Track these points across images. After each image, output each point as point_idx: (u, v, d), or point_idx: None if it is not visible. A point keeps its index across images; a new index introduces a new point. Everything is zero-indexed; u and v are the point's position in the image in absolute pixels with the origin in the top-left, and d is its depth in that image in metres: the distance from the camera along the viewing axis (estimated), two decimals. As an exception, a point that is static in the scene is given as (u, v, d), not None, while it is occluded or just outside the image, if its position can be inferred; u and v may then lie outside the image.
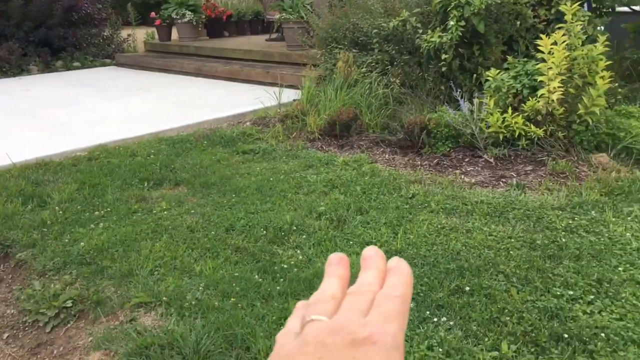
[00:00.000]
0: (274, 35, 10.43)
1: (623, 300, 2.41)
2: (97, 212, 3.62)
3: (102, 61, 11.57)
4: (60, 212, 3.63)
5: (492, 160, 4.28)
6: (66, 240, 3.25)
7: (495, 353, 2.12)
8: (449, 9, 4.98)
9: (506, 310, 2.37)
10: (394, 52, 5.63)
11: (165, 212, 3.59)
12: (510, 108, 4.36)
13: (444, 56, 5.03)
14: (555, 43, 4.15)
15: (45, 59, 10.74)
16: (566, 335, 2.18)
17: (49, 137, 5.62)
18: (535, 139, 4.28)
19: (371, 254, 0.45)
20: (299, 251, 3.00)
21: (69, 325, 2.57)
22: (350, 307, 0.41)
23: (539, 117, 4.29)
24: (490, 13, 4.99)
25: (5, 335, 2.62)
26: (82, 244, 3.17)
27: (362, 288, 0.42)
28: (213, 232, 3.26)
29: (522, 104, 4.39)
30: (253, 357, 2.18)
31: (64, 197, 3.85)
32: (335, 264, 0.45)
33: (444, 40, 4.97)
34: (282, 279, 2.70)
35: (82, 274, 2.89)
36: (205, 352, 2.18)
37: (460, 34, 4.90)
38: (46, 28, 10.77)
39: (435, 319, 2.33)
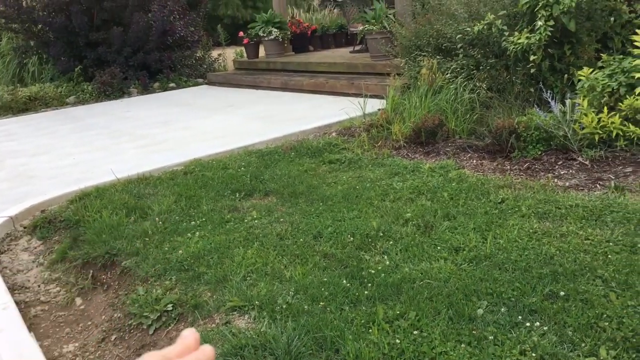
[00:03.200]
0: (357, 47, 10.55)
1: None
2: (193, 222, 3.82)
3: (195, 81, 12.16)
4: (160, 222, 3.85)
5: (587, 162, 4.10)
6: (166, 249, 3.45)
7: (593, 359, 2.03)
8: (536, 9, 4.84)
9: (605, 316, 2.26)
10: (479, 56, 5.54)
11: (256, 221, 3.72)
12: (605, 108, 4.16)
13: (532, 57, 4.89)
14: (653, 37, 3.93)
15: (144, 81, 11.45)
16: (672, 342, 2.05)
17: (148, 154, 5.99)
18: (635, 139, 4.06)
19: (187, 334, 0.60)
20: (385, 257, 3.02)
21: (169, 327, 2.73)
22: None
23: (638, 116, 4.07)
24: (582, 10, 4.80)
25: (113, 337, 2.82)
26: (180, 251, 3.36)
27: (167, 354, 0.57)
28: (302, 239, 3.35)
29: (619, 103, 4.18)
30: (342, 358, 2.21)
31: (163, 209, 4.09)
32: (184, 337, 0.60)
33: (532, 41, 4.83)
34: (369, 284, 2.73)
35: (181, 280, 3.05)
36: (297, 353, 2.25)
37: (550, 33, 4.75)
38: (144, 52, 11.48)
39: (528, 324, 2.27)
